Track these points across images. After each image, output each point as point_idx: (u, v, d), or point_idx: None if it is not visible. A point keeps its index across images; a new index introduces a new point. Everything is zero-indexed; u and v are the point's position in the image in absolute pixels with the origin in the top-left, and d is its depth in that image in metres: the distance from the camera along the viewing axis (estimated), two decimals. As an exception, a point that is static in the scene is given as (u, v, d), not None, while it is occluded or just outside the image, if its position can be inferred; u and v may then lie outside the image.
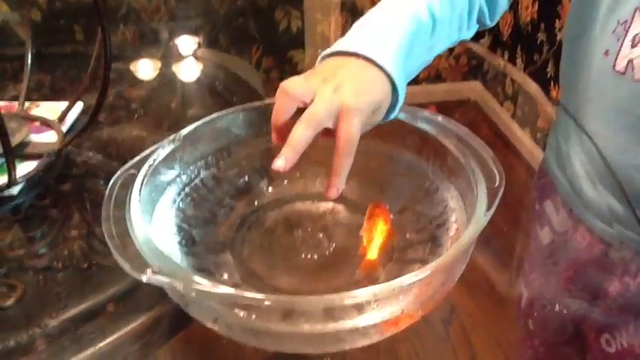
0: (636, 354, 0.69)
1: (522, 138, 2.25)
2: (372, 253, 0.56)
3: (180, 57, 1.06)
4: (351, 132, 0.48)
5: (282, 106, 0.50)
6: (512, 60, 2.38)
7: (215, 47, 2.10)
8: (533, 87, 2.32)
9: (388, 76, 0.52)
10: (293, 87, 0.50)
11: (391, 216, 0.58)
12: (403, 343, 0.76)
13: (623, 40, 0.60)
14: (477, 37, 2.57)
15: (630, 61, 0.60)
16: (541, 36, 2.13)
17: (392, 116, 0.56)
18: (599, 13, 0.63)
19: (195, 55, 1.07)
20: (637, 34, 0.59)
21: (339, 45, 0.54)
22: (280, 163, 0.46)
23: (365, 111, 0.50)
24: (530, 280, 0.83)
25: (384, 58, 0.52)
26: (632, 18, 0.59)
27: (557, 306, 0.79)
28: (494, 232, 0.81)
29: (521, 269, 0.86)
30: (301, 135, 0.47)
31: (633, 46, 0.59)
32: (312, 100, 0.49)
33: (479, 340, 0.78)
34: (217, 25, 2.14)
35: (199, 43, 1.11)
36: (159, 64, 1.02)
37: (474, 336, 0.77)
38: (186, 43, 1.12)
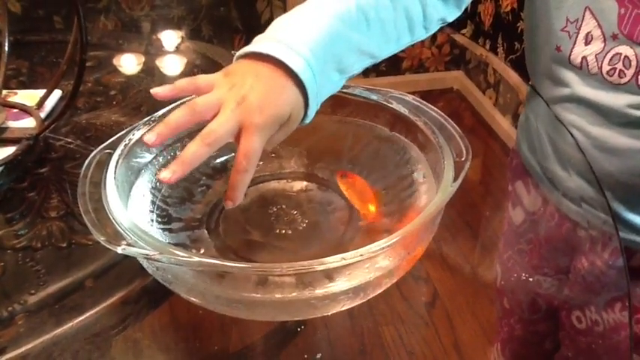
0: (603, 330, 0.71)
1: (504, 125, 2.28)
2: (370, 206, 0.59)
3: (163, 52, 1.07)
4: (250, 149, 0.47)
5: (181, 120, 0.47)
6: (493, 49, 2.40)
7: (198, 37, 2.09)
8: (514, 75, 2.35)
9: (301, 81, 0.49)
10: (201, 104, 0.47)
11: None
12: (387, 327, 0.77)
13: (576, 38, 0.62)
14: (459, 26, 2.56)
15: (584, 58, 0.62)
16: (521, 25, 2.15)
17: (307, 120, 0.53)
18: (548, 9, 0.65)
19: (178, 49, 1.08)
20: (589, 32, 0.61)
21: (255, 44, 0.51)
22: (166, 175, 0.45)
23: (269, 127, 0.48)
24: (504, 260, 0.85)
25: (296, 62, 0.49)
26: (583, 16, 0.61)
27: (529, 284, 0.81)
28: (477, 217, 0.83)
29: (496, 250, 0.88)
30: (196, 152, 0.45)
31: (586, 43, 0.61)
32: (214, 115, 0.47)
33: (462, 324, 0.80)
34: (199, 15, 2.14)
35: (182, 37, 1.12)
36: (142, 59, 1.02)
37: (456, 319, 0.78)
38: (170, 38, 1.13)
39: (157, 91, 0.49)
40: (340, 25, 0.52)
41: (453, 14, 0.63)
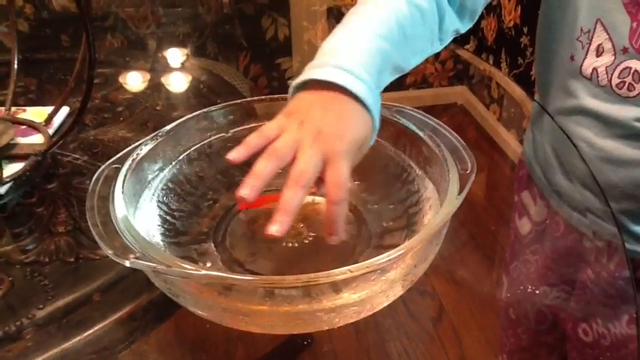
0: (610, 343, 0.71)
1: (508, 139, 2.28)
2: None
3: (169, 69, 1.08)
4: (340, 178, 0.45)
5: (269, 168, 0.46)
6: (497, 64, 2.41)
7: (203, 55, 2.11)
8: (517, 90, 2.36)
9: (366, 105, 0.50)
10: (280, 148, 0.46)
11: None
12: (393, 342, 0.77)
13: (588, 49, 0.62)
14: (463, 42, 2.58)
15: (595, 69, 0.62)
16: (524, 40, 2.17)
17: (372, 142, 0.53)
18: (565, 19, 0.65)
19: (184, 66, 1.09)
20: (600, 44, 0.61)
21: (311, 72, 0.50)
22: (275, 229, 0.43)
23: (352, 151, 0.48)
24: (510, 270, 0.85)
25: (359, 87, 0.49)
26: (594, 28, 0.61)
27: (535, 295, 0.81)
28: (482, 230, 0.83)
29: (502, 263, 0.88)
30: (293, 198, 0.44)
31: (598, 55, 0.62)
32: (294, 156, 0.46)
33: (468, 338, 0.80)
34: (205, 32, 2.16)
35: (188, 55, 1.13)
36: (148, 76, 1.04)
37: (463, 334, 0.78)
38: (175, 55, 1.14)
39: (234, 157, 0.47)
40: (387, 46, 0.53)
41: (466, 26, 0.64)
